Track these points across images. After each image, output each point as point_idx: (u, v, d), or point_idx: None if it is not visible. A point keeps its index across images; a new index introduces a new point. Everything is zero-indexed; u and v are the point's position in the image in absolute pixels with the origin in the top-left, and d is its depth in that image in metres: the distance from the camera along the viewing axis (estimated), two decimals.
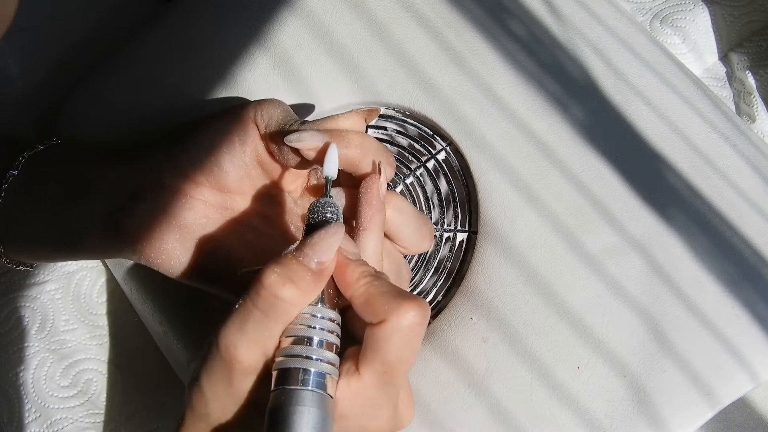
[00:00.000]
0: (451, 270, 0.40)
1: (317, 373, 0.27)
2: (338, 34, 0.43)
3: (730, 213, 0.39)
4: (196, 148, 0.34)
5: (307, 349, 0.28)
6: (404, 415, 0.31)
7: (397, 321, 0.28)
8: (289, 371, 0.27)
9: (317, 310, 0.29)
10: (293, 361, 0.27)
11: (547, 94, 0.41)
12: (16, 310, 0.47)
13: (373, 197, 0.32)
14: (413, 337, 0.28)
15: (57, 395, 0.46)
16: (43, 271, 0.48)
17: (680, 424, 0.36)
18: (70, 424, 0.46)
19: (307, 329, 0.28)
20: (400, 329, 0.28)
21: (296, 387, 0.27)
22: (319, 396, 0.27)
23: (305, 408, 0.27)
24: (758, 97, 0.51)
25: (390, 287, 0.29)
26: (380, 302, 0.28)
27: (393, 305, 0.28)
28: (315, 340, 0.28)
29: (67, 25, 0.47)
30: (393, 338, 0.28)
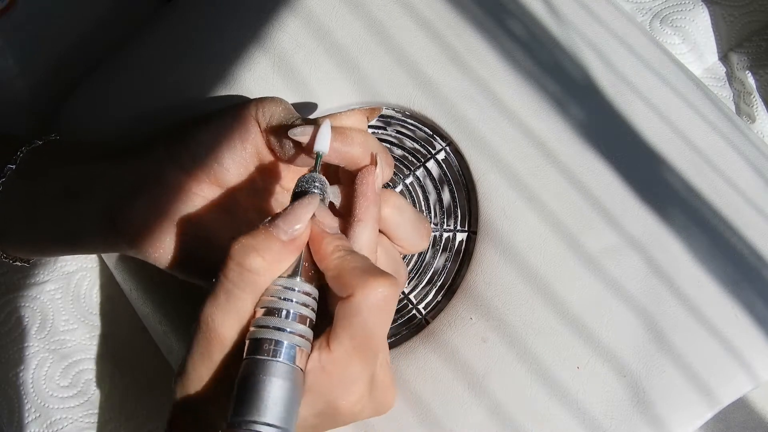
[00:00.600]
0: (451, 270, 0.40)
1: (288, 345, 0.27)
2: (338, 34, 0.43)
3: (729, 213, 0.39)
4: (197, 144, 0.34)
5: (278, 320, 0.28)
6: (383, 400, 0.31)
7: (365, 295, 0.27)
8: (259, 342, 0.27)
9: (292, 282, 0.29)
10: (264, 331, 0.28)
11: (546, 94, 0.41)
12: (16, 310, 0.47)
13: (368, 188, 0.32)
14: (381, 313, 0.28)
15: (57, 395, 0.46)
16: (43, 271, 0.48)
17: (680, 424, 0.36)
18: (69, 424, 0.46)
19: (280, 301, 0.28)
20: (368, 304, 0.28)
21: (265, 357, 0.27)
22: (288, 368, 0.27)
23: (273, 379, 0.27)
24: (758, 97, 0.51)
25: (363, 262, 0.29)
26: (350, 276, 0.28)
27: (362, 279, 0.28)
28: (287, 312, 0.28)
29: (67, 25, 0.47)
30: (361, 313, 0.28)
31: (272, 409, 0.26)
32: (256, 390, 0.27)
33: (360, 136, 0.33)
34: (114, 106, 0.44)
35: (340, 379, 0.29)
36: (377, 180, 0.32)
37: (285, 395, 0.27)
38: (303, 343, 0.28)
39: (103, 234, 0.35)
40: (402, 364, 0.38)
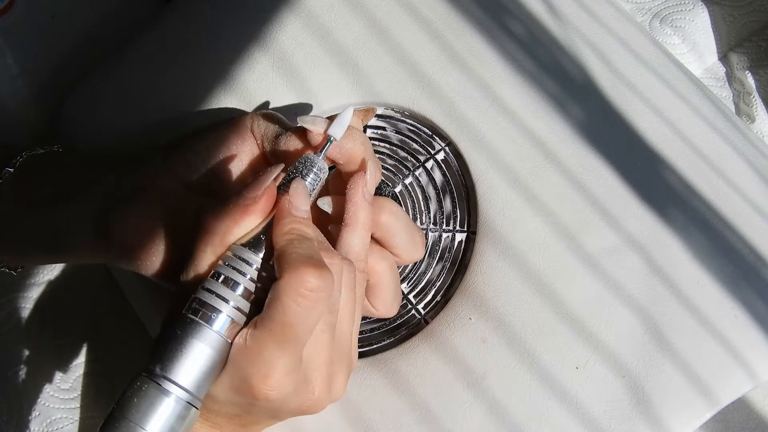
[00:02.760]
0: (450, 270, 0.40)
1: (222, 314, 0.28)
2: (338, 34, 0.43)
3: (729, 213, 0.39)
4: (193, 154, 0.34)
5: (221, 288, 0.28)
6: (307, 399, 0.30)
7: (288, 281, 0.27)
8: (198, 302, 0.28)
9: (247, 254, 0.29)
10: (206, 294, 0.28)
11: (546, 94, 0.41)
12: (17, 310, 0.47)
13: (357, 194, 0.32)
14: (304, 303, 0.28)
15: (56, 395, 0.46)
16: (43, 271, 0.48)
17: (679, 424, 0.36)
18: (69, 423, 0.46)
19: (229, 269, 0.29)
20: (290, 290, 0.27)
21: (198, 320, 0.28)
22: (215, 336, 0.28)
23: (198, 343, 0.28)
24: (758, 97, 0.51)
25: (308, 250, 0.29)
26: (286, 259, 0.28)
27: (293, 265, 0.28)
28: (233, 282, 0.29)
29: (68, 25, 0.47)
30: (280, 298, 0.27)
31: (189, 373, 0.27)
32: (179, 349, 0.28)
33: (360, 134, 0.33)
34: (114, 105, 0.44)
35: (256, 358, 0.28)
36: (368, 186, 0.32)
37: (204, 363, 0.28)
38: (237, 316, 0.28)
39: (94, 239, 0.34)
40: (401, 364, 0.38)
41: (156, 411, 0.27)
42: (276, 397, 0.29)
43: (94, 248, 0.35)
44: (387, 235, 0.34)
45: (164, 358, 0.28)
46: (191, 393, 0.28)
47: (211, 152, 0.34)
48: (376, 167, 0.34)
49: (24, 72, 0.46)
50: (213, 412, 0.31)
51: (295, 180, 0.31)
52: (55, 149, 0.39)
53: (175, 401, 0.27)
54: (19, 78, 0.46)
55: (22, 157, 0.38)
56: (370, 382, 0.38)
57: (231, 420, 0.31)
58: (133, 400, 0.27)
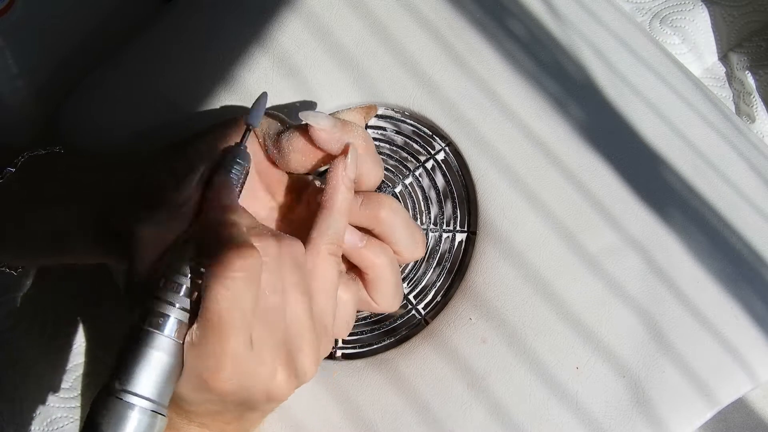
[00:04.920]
0: (451, 270, 0.40)
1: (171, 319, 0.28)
2: (338, 34, 0.43)
3: (729, 213, 0.39)
4: (194, 153, 0.34)
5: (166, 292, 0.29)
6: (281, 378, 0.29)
7: (213, 267, 0.27)
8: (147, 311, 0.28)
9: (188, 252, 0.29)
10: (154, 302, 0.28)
11: (546, 94, 0.41)
12: (16, 309, 0.47)
13: (335, 176, 0.32)
14: (233, 286, 0.27)
15: (56, 394, 0.46)
16: (43, 271, 0.48)
17: (679, 424, 0.36)
18: (69, 423, 0.46)
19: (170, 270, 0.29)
20: (215, 276, 0.27)
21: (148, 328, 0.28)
22: (168, 341, 0.28)
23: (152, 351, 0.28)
24: (758, 97, 0.51)
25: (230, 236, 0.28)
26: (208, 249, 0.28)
27: (213, 251, 0.27)
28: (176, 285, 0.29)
29: (68, 25, 0.47)
30: (211, 285, 0.27)
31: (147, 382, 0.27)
32: (133, 360, 0.28)
33: (363, 131, 0.33)
34: (114, 105, 0.44)
35: (203, 352, 0.28)
36: (347, 170, 0.32)
37: (161, 369, 0.28)
38: (183, 316, 0.28)
39: (95, 240, 0.34)
40: (402, 364, 0.38)
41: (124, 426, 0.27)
42: (233, 388, 0.28)
43: (96, 249, 0.35)
44: (387, 231, 0.34)
45: (121, 372, 0.28)
46: (154, 401, 0.28)
47: (212, 151, 0.34)
48: (377, 165, 0.34)
49: (24, 72, 0.46)
50: (193, 413, 0.30)
51: (215, 175, 0.32)
52: (56, 150, 0.39)
53: (140, 412, 0.27)
54: (19, 78, 0.46)
55: (24, 158, 0.38)
56: (371, 382, 0.38)
57: (214, 418, 0.31)
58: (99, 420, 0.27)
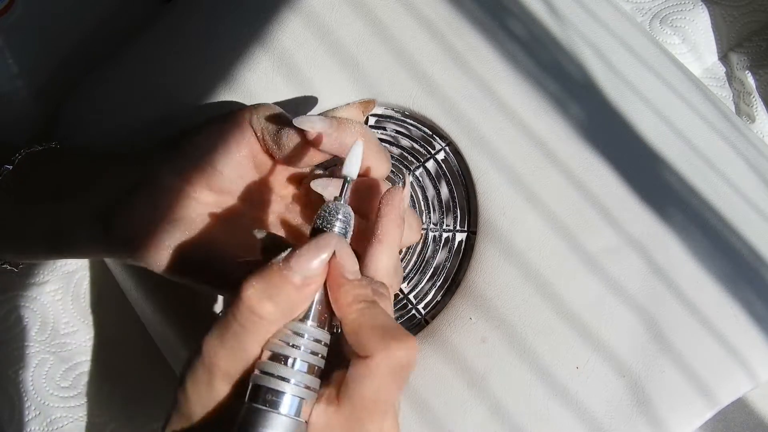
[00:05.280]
0: (451, 270, 0.40)
1: (292, 396, 0.26)
2: (338, 33, 0.43)
3: (729, 213, 0.39)
4: (192, 148, 0.34)
5: (284, 368, 0.26)
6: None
7: (382, 360, 0.26)
8: (261, 389, 0.26)
9: (302, 328, 0.27)
10: (268, 379, 0.26)
11: (547, 94, 0.41)
12: (16, 308, 0.47)
13: (393, 210, 0.30)
14: (397, 380, 0.27)
15: (57, 394, 0.46)
16: (43, 271, 0.48)
17: (679, 424, 0.36)
18: (70, 422, 0.46)
19: (287, 347, 0.27)
20: (383, 369, 0.26)
21: (266, 408, 0.26)
22: (289, 421, 0.26)
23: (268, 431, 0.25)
24: (758, 97, 0.51)
25: (383, 320, 0.27)
26: (369, 335, 0.27)
27: (381, 342, 0.26)
28: (293, 360, 0.26)
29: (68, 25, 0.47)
30: (375, 377, 0.26)
31: None
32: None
33: (359, 127, 0.33)
34: (114, 105, 0.44)
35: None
36: (404, 201, 0.31)
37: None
38: (307, 394, 0.27)
39: (96, 235, 0.34)
40: None
41: None
42: None
43: (97, 244, 0.35)
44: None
45: None
46: None
47: (210, 146, 0.34)
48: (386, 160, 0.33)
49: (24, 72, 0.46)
50: None
51: (335, 240, 0.27)
52: (53, 146, 0.39)
53: None
54: (19, 78, 0.46)
55: (21, 155, 0.38)
56: None
57: None
58: None
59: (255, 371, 0.27)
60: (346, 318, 0.27)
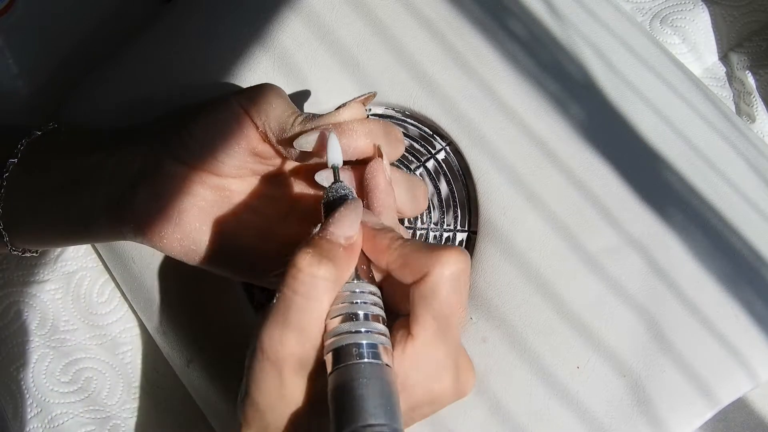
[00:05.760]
0: None
1: (369, 344, 0.27)
2: (339, 33, 0.43)
3: (729, 213, 0.39)
4: (190, 138, 0.35)
5: (355, 324, 0.27)
6: (465, 382, 0.30)
7: (441, 270, 0.27)
8: (342, 349, 0.27)
9: (356, 285, 0.29)
10: (344, 338, 0.27)
11: (547, 94, 0.41)
12: (15, 303, 0.47)
13: (380, 181, 0.32)
14: (460, 285, 0.28)
15: (57, 390, 0.46)
16: (43, 271, 0.48)
17: (680, 424, 0.36)
18: (70, 419, 0.46)
19: (351, 305, 0.28)
20: (445, 278, 0.27)
21: (353, 362, 0.26)
22: (377, 366, 0.26)
23: (367, 380, 0.26)
24: (758, 97, 0.51)
25: (424, 244, 0.29)
26: (419, 258, 0.28)
27: (433, 257, 0.28)
28: (361, 314, 0.28)
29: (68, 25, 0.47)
30: (440, 289, 0.27)
31: (378, 410, 0.25)
32: (355, 396, 0.25)
33: (362, 126, 0.33)
34: (115, 105, 0.44)
35: (431, 364, 0.28)
36: (386, 170, 0.32)
37: (385, 393, 0.26)
38: (384, 340, 0.28)
39: (108, 223, 0.35)
40: None
41: None
42: (452, 393, 0.29)
43: (111, 230, 0.36)
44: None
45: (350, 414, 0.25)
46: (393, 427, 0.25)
47: (207, 137, 0.34)
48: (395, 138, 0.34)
49: (24, 72, 0.46)
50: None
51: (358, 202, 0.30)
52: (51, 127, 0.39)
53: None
54: (19, 78, 0.46)
55: (23, 145, 0.38)
56: None
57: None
58: None
59: (327, 340, 0.27)
60: (392, 257, 0.29)
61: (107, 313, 0.48)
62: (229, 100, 0.35)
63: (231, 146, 0.34)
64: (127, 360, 0.48)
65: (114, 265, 0.45)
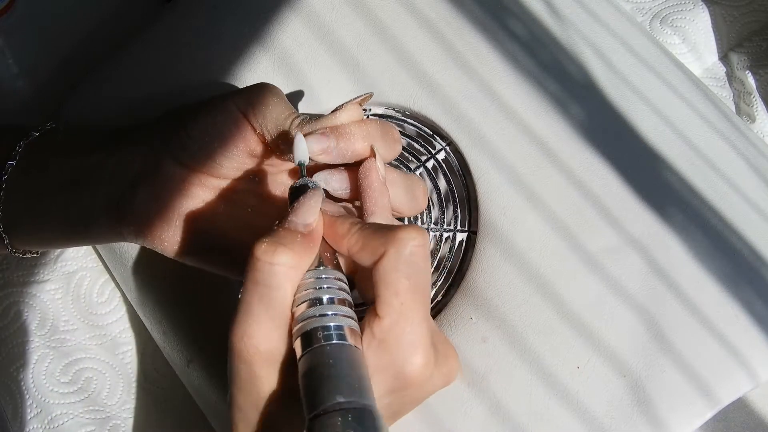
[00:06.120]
0: (451, 270, 0.40)
1: (335, 326, 0.27)
2: (339, 33, 0.43)
3: (729, 213, 0.39)
4: (189, 139, 0.35)
5: (320, 308, 0.27)
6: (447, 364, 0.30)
7: (396, 248, 0.28)
8: (308, 334, 0.27)
9: (320, 272, 0.29)
10: (310, 323, 0.27)
11: (547, 94, 0.41)
12: (15, 303, 0.47)
13: (373, 180, 0.32)
14: (419, 260, 0.28)
15: (57, 390, 0.46)
16: (43, 271, 0.48)
17: (680, 424, 0.36)
18: (70, 419, 0.46)
19: (315, 291, 0.28)
20: (402, 257, 0.27)
21: (319, 345, 0.26)
22: (344, 347, 0.26)
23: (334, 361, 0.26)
24: (758, 97, 0.51)
25: (380, 225, 0.29)
26: (376, 238, 0.28)
27: (389, 236, 0.28)
28: (325, 298, 0.28)
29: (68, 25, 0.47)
30: (399, 266, 0.27)
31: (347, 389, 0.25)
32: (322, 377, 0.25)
33: (360, 129, 0.33)
34: (114, 106, 0.44)
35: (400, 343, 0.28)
36: (380, 169, 0.32)
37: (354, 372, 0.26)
38: (352, 323, 0.28)
39: (108, 224, 0.36)
40: None
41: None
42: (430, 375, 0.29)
43: (111, 231, 0.36)
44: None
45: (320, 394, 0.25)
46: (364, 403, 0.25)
47: (205, 140, 0.35)
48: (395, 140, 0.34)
49: (24, 72, 0.46)
50: None
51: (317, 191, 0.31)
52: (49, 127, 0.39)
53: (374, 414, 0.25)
54: (19, 78, 0.46)
55: (21, 147, 0.38)
56: None
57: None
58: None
59: (294, 327, 0.27)
60: (350, 241, 0.29)
61: (107, 313, 0.48)
62: (226, 103, 0.35)
63: (229, 149, 0.35)
64: (127, 360, 0.48)
65: (114, 265, 0.45)
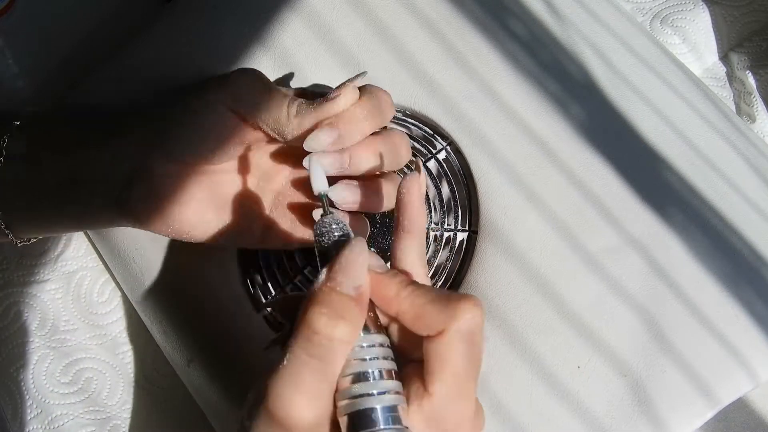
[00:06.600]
0: (452, 270, 0.40)
1: (386, 408, 0.25)
2: (339, 33, 0.43)
3: (729, 213, 0.39)
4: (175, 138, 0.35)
5: (368, 385, 0.26)
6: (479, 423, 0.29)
7: (458, 327, 0.26)
8: (357, 414, 0.25)
9: (364, 339, 0.26)
10: (358, 402, 0.25)
11: (547, 94, 0.41)
12: (16, 304, 0.47)
13: (414, 198, 0.30)
14: (478, 341, 0.26)
15: (57, 391, 0.46)
16: (43, 270, 0.48)
17: (680, 424, 0.36)
18: (70, 420, 0.46)
19: (362, 363, 0.26)
20: (463, 335, 0.26)
21: (371, 430, 0.25)
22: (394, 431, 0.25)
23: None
24: (758, 97, 0.51)
25: (436, 293, 0.27)
26: (432, 312, 0.26)
27: (448, 312, 0.26)
28: (373, 373, 0.26)
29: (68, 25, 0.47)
30: (458, 347, 0.26)
31: None
32: None
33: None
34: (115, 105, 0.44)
35: (448, 421, 0.27)
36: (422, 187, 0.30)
37: None
38: (399, 399, 0.26)
39: (108, 216, 0.36)
40: None
41: None
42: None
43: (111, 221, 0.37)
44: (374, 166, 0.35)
45: None
46: None
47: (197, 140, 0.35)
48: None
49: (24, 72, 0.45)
50: None
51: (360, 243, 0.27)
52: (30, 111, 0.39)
53: None
54: (19, 78, 0.45)
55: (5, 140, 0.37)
56: None
57: None
58: None
59: (341, 402, 0.26)
60: (401, 307, 0.27)
61: (107, 313, 0.48)
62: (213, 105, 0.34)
63: (222, 144, 0.35)
64: (127, 360, 0.48)
65: (114, 265, 0.45)
